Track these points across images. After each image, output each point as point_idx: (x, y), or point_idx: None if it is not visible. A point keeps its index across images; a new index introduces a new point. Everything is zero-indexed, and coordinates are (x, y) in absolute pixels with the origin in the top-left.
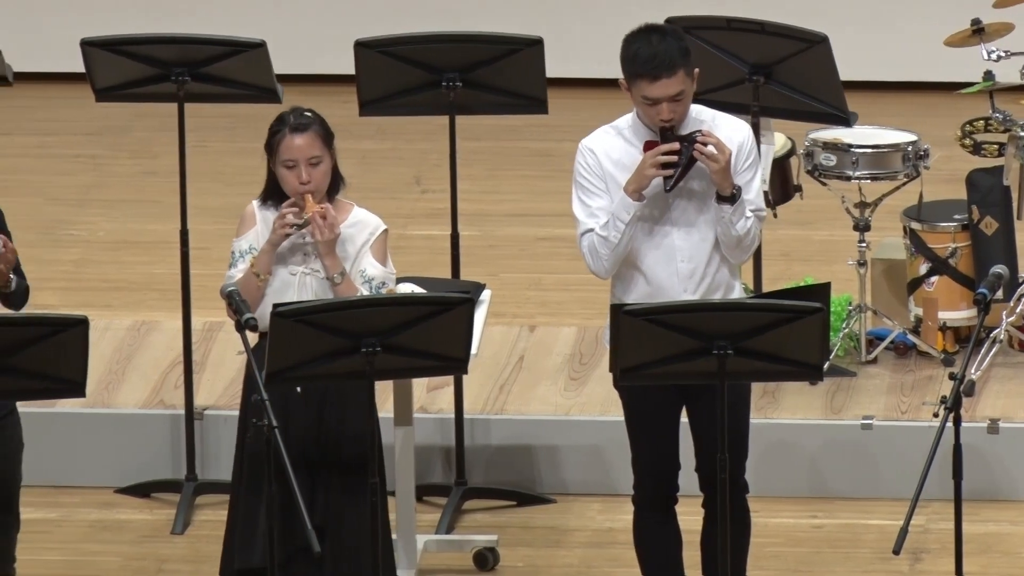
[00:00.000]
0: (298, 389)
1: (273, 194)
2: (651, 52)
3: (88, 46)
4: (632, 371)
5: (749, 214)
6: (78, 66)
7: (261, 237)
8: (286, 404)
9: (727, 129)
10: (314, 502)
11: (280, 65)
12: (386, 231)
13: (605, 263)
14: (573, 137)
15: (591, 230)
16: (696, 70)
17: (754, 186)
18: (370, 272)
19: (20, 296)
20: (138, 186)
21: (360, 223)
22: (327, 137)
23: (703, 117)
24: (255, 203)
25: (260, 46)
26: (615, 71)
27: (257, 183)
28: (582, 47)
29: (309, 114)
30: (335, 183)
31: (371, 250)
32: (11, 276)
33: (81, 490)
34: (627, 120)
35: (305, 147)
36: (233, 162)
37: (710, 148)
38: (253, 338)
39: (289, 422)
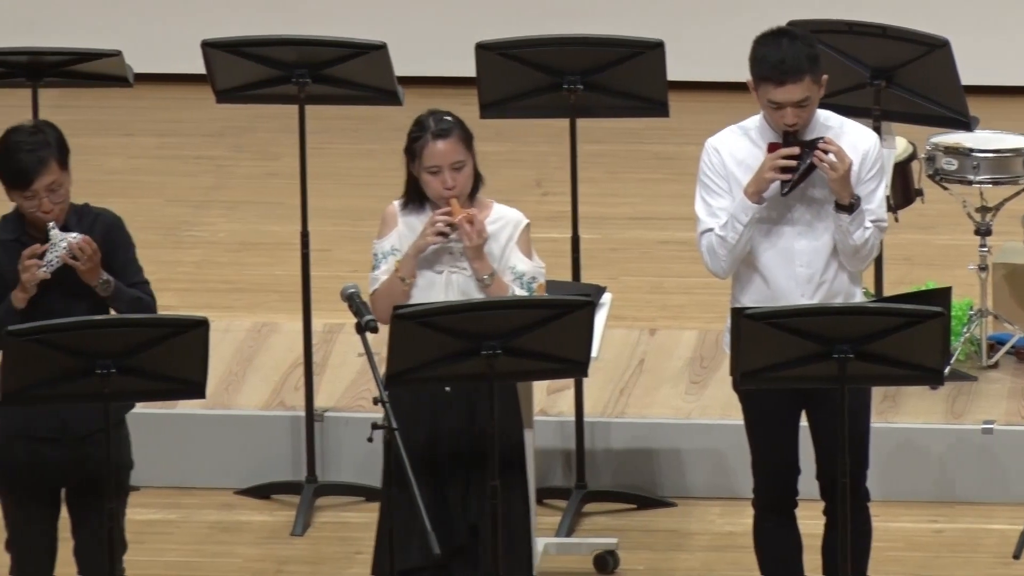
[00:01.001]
0: (447, 388)
1: (414, 197)
2: (779, 56)
3: (209, 48)
4: (752, 375)
5: (868, 224)
6: (199, 67)
7: (403, 239)
8: (435, 404)
9: (853, 137)
10: (467, 500)
11: (401, 67)
12: (528, 224)
13: (723, 263)
14: (694, 141)
15: (711, 229)
16: (824, 76)
17: (877, 196)
18: (520, 268)
19: (127, 305)
20: (259, 187)
21: (502, 219)
22: (468, 140)
23: (831, 123)
24: (396, 204)
25: (381, 48)
26: (736, 74)
27: (377, 185)
28: (703, 50)
29: (449, 118)
30: (475, 182)
31: (517, 245)
32: (108, 279)
33: (201, 491)
34: (754, 121)
35: (449, 152)
36: (354, 164)
37: (830, 156)
38: (374, 340)
39: (440, 421)
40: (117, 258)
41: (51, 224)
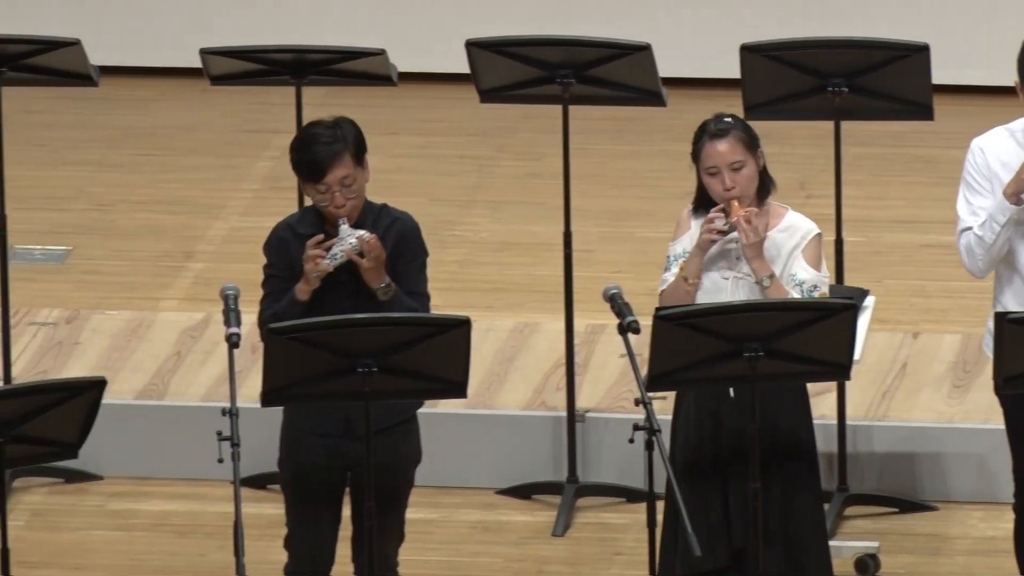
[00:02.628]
0: (731, 391)
1: (704, 202)
2: None
3: (473, 47)
4: (1015, 379)
5: None
6: (463, 67)
7: (694, 242)
8: (718, 405)
9: None
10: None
11: (664, 68)
12: (819, 235)
13: (979, 263)
14: (958, 144)
15: (970, 228)
16: None
17: None
18: (801, 276)
19: (400, 310)
20: (522, 187)
21: (792, 227)
22: (749, 141)
23: None
24: (689, 208)
25: (645, 49)
26: (1000, 77)
27: (640, 186)
28: (967, 53)
29: (729, 119)
30: (765, 187)
31: (803, 254)
32: (390, 284)
33: (463, 491)
34: (1021, 123)
35: (726, 152)
36: (617, 164)
37: None
38: (636, 341)
39: (723, 427)
40: (404, 264)
41: (342, 220)
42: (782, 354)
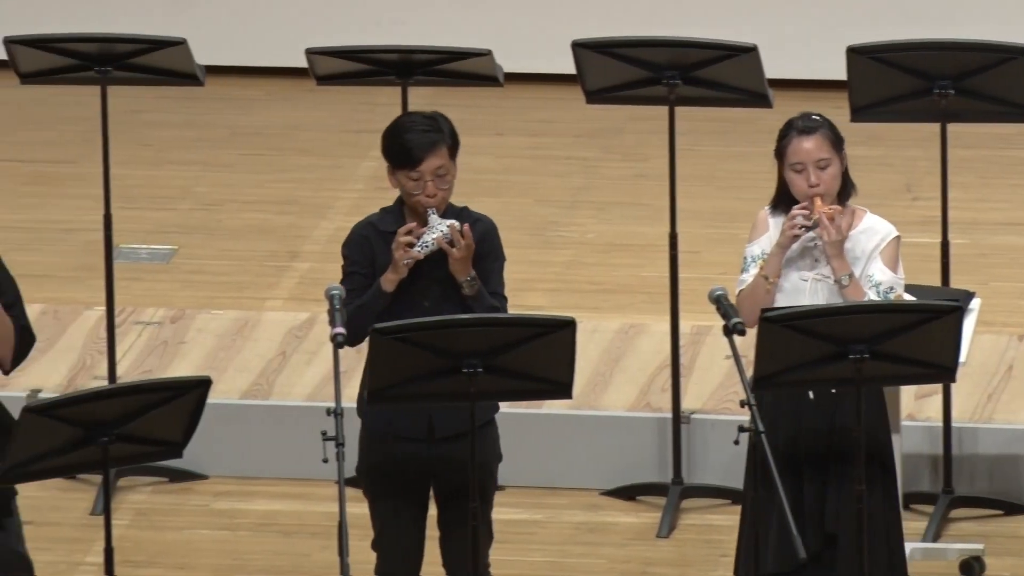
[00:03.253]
0: (810, 394)
1: (784, 200)
2: None
3: (580, 48)
4: None
5: None
6: (569, 67)
7: (773, 242)
8: (797, 405)
9: None
10: (825, 507)
11: (771, 70)
12: (898, 237)
13: None
14: None
15: None
16: None
17: None
18: (878, 277)
19: (485, 311)
20: (629, 189)
21: (871, 229)
22: (836, 140)
23: None
24: (767, 209)
25: (752, 50)
26: None
27: (746, 188)
28: None
29: (817, 118)
30: (846, 188)
31: (881, 255)
32: (475, 277)
33: (567, 492)
34: None
35: (813, 150)
36: (724, 166)
37: None
38: (741, 342)
39: (801, 423)
40: (484, 265)
41: (431, 210)
42: (888, 356)
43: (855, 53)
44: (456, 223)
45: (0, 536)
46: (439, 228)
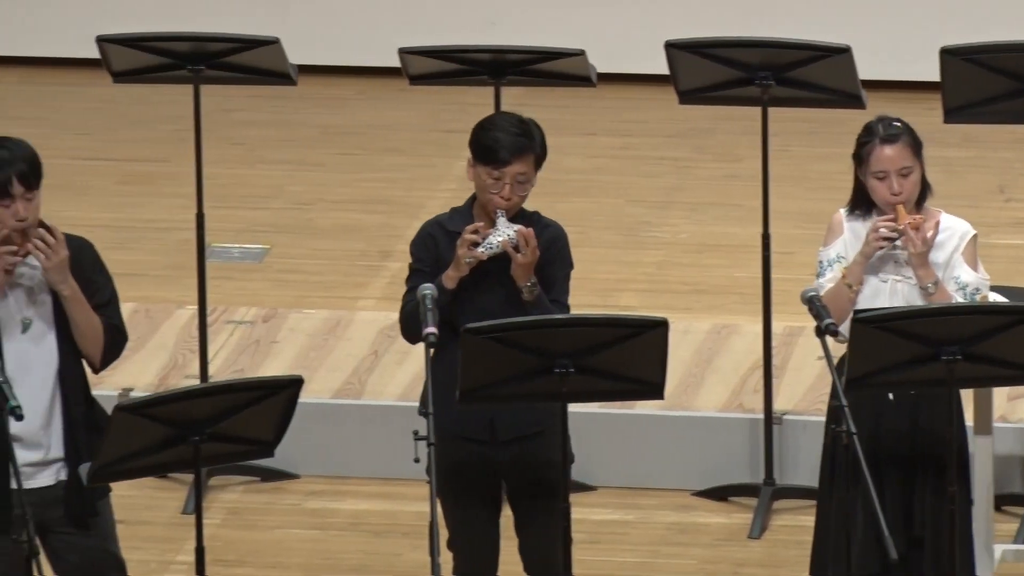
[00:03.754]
0: (890, 396)
1: (861, 203)
2: None
3: (672, 48)
4: None
5: None
6: (662, 68)
7: (849, 246)
8: (879, 405)
9: None
10: (911, 509)
11: (864, 70)
12: (975, 236)
13: None
14: None
15: None
16: None
17: None
18: (964, 278)
19: (540, 308)
20: (721, 189)
21: (949, 229)
22: (916, 147)
23: None
24: (842, 211)
25: (845, 51)
26: None
27: (839, 188)
28: None
29: (898, 124)
30: (922, 192)
31: (963, 256)
32: (536, 283)
33: (658, 492)
34: None
35: (896, 158)
36: (815, 167)
37: None
38: (834, 344)
39: (881, 423)
40: (550, 272)
41: (500, 212)
42: (980, 358)
43: (949, 54)
44: (524, 229)
45: (89, 536)
46: (506, 231)
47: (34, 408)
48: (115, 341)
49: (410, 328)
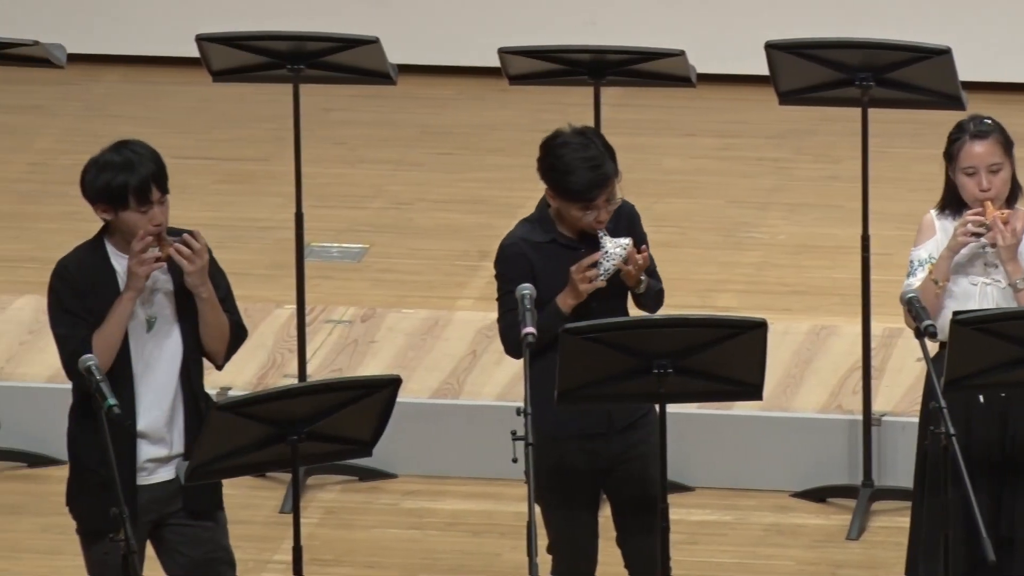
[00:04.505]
0: (980, 398)
1: (951, 202)
2: None
3: (772, 49)
4: None
5: None
6: (762, 68)
7: (940, 246)
8: (968, 411)
9: None
10: (1000, 511)
11: (965, 72)
12: None
13: None
14: None
15: None
16: None
17: None
18: None
19: (653, 300)
20: (820, 190)
21: None
22: (1007, 145)
23: None
24: (933, 212)
25: (945, 52)
26: None
27: (939, 190)
28: None
29: (989, 121)
30: (1013, 191)
31: None
32: (642, 277)
33: (757, 493)
34: None
35: (985, 154)
36: (915, 168)
37: None
38: (932, 346)
39: (971, 429)
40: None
41: (602, 232)
42: None
43: None
44: (627, 242)
45: (206, 529)
46: (616, 253)
47: (159, 405)
48: (237, 336)
49: (512, 341)
